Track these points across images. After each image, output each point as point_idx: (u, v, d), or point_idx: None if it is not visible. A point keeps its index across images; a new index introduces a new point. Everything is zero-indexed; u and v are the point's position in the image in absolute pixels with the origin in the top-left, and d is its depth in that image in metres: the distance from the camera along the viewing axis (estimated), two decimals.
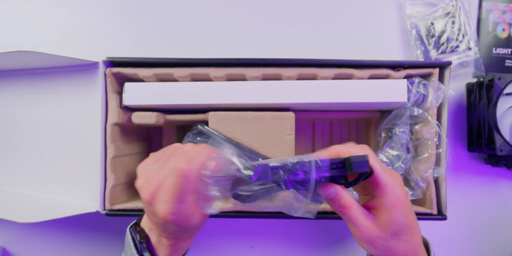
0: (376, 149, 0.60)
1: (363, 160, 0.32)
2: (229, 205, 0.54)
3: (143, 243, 0.37)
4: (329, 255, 0.64)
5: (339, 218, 0.54)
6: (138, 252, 0.37)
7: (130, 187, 0.59)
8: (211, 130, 0.53)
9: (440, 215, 0.54)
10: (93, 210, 0.53)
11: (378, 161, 0.35)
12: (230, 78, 0.55)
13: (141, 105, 0.54)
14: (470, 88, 0.63)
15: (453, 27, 0.63)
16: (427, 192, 0.55)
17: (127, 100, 0.53)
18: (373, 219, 0.35)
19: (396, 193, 0.34)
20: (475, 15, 0.65)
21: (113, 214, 0.53)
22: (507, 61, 0.65)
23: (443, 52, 0.63)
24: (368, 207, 0.36)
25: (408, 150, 0.56)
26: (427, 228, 0.54)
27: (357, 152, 0.35)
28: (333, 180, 0.35)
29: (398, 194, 0.34)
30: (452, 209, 0.61)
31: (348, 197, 0.35)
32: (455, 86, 0.64)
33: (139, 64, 0.54)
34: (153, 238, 0.37)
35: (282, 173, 0.32)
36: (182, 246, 0.39)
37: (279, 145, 0.55)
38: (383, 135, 0.57)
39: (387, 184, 0.34)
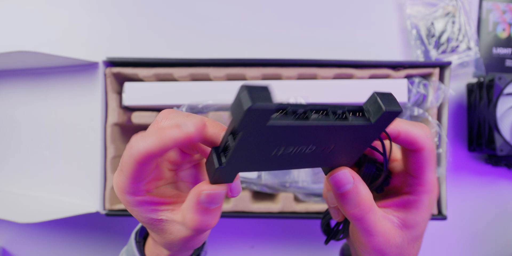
0: None
1: (391, 98, 0.22)
2: (229, 205, 0.54)
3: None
4: (328, 255, 0.64)
5: None
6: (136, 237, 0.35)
7: None
8: None
9: (440, 215, 0.54)
10: (93, 210, 0.53)
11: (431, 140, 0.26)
12: (230, 78, 0.55)
13: (141, 105, 0.54)
14: (470, 88, 0.63)
15: (453, 27, 0.63)
16: None
17: (127, 100, 0.53)
18: (393, 223, 0.27)
19: (435, 190, 0.27)
20: (475, 15, 0.65)
21: (113, 214, 0.53)
22: (507, 61, 0.64)
23: (443, 52, 0.63)
24: (385, 206, 0.28)
25: None
26: (427, 228, 0.54)
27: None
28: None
29: (436, 192, 0.28)
30: (452, 209, 0.61)
31: (368, 194, 0.25)
32: (455, 86, 0.64)
33: (139, 64, 0.54)
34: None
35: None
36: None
37: None
38: None
39: (431, 179, 0.27)
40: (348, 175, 0.25)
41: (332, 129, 0.21)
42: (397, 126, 0.25)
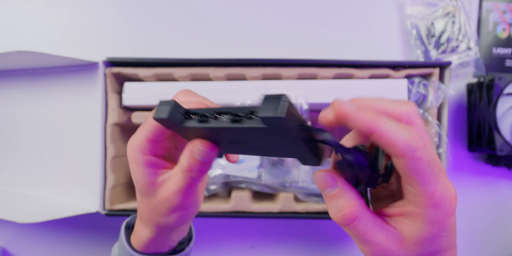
0: None
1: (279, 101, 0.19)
2: (229, 205, 0.54)
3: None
4: (328, 255, 0.64)
5: None
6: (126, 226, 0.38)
7: (130, 187, 0.59)
8: None
9: None
10: (93, 210, 0.53)
11: (427, 143, 0.22)
12: (230, 78, 0.55)
13: (141, 105, 0.54)
14: (470, 88, 0.63)
15: (453, 27, 0.63)
16: None
17: (127, 100, 0.53)
18: (393, 234, 0.23)
19: (448, 205, 0.22)
20: (475, 15, 0.65)
21: (113, 214, 0.53)
22: (507, 61, 0.64)
23: (443, 52, 0.63)
24: (387, 214, 0.25)
25: None
26: None
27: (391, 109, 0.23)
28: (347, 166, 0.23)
29: (451, 206, 0.22)
30: None
31: (353, 200, 0.23)
32: (455, 86, 0.64)
33: (139, 64, 0.54)
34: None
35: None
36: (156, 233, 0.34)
37: None
38: None
39: (433, 191, 0.22)
40: (329, 179, 0.23)
41: (240, 130, 0.22)
42: (375, 123, 0.21)
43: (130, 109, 0.56)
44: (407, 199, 0.23)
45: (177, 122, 0.25)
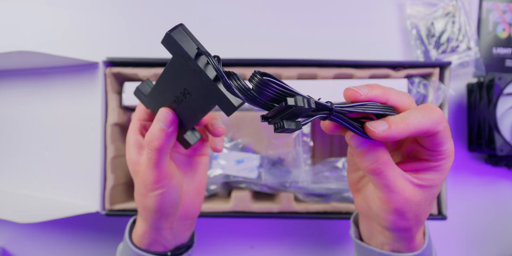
0: None
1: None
2: (229, 205, 0.54)
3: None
4: (328, 255, 0.64)
5: (338, 218, 0.54)
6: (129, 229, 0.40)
7: (130, 187, 0.59)
8: None
9: (440, 215, 0.54)
10: (93, 210, 0.53)
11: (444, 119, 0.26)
12: None
13: None
14: (470, 88, 0.63)
15: (453, 27, 0.63)
16: None
17: (127, 100, 0.53)
18: (412, 183, 0.28)
19: (453, 155, 0.29)
20: (475, 15, 0.65)
21: (113, 214, 0.53)
22: (507, 61, 0.64)
23: (443, 52, 0.63)
24: (405, 169, 0.29)
25: None
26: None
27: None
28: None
29: (453, 155, 0.29)
30: (452, 209, 0.61)
31: (386, 151, 0.27)
32: (455, 86, 0.64)
33: (139, 64, 0.54)
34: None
35: None
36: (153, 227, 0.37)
37: (278, 145, 0.55)
38: None
39: (449, 148, 0.28)
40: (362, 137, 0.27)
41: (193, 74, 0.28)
42: (408, 124, 0.24)
43: (130, 109, 0.56)
44: (423, 158, 0.29)
45: (144, 91, 0.33)
